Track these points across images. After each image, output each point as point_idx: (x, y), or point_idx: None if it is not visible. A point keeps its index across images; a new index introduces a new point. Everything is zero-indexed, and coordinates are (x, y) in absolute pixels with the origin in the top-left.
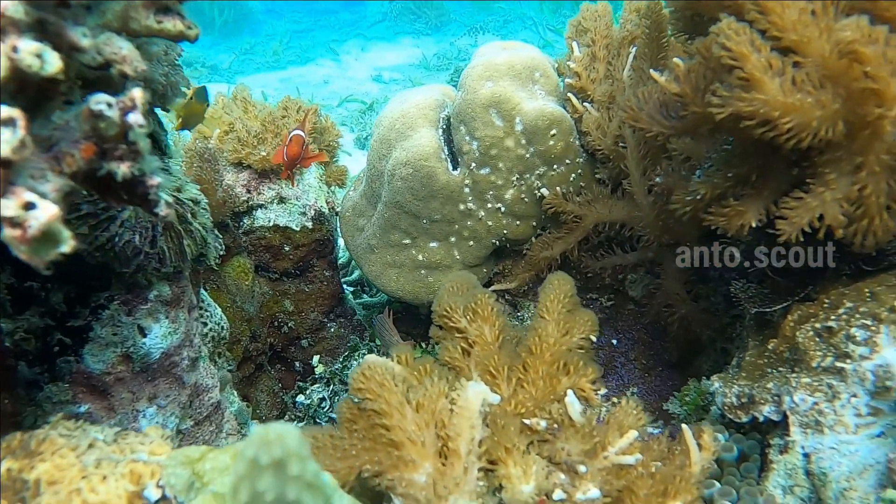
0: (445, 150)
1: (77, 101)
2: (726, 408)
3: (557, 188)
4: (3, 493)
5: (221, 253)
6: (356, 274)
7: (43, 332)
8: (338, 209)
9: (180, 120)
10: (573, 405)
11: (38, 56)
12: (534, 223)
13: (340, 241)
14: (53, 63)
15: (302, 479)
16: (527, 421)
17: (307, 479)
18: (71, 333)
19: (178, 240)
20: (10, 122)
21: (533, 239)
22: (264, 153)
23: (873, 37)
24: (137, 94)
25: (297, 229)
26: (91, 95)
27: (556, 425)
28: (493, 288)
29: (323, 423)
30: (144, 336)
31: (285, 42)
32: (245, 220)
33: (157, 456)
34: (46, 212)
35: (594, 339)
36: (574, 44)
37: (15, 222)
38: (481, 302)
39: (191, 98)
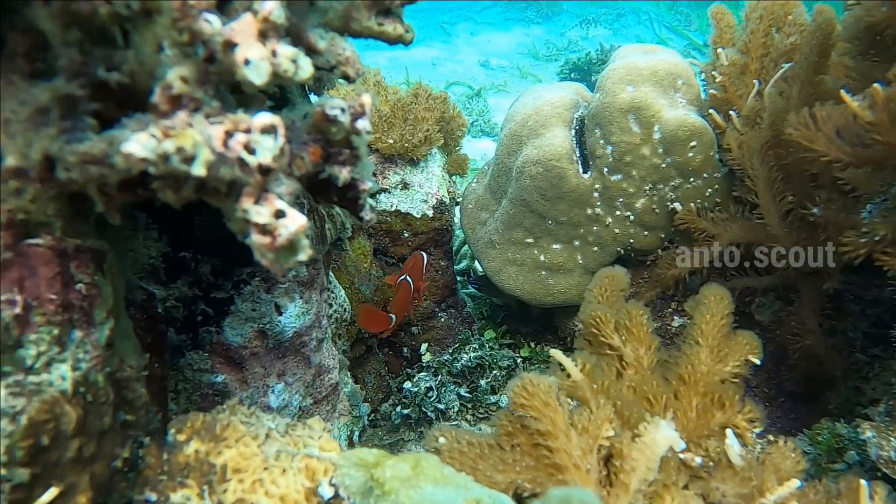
0: (577, 152)
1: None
2: (882, 461)
3: (692, 203)
4: (191, 473)
5: (349, 236)
6: (463, 264)
7: (190, 301)
8: (458, 199)
9: None
10: (733, 447)
11: (294, 61)
12: (662, 235)
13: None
14: (307, 69)
15: None
16: (682, 456)
17: None
18: (214, 305)
19: (321, 223)
20: (271, 130)
21: (659, 252)
22: (392, 140)
23: None
24: (367, 100)
25: (418, 216)
26: (324, 99)
27: (711, 463)
28: None
29: (429, 413)
30: (280, 314)
31: None
32: None
33: (327, 452)
34: (296, 222)
35: (758, 361)
36: (721, 51)
37: (266, 230)
38: (636, 320)
39: None
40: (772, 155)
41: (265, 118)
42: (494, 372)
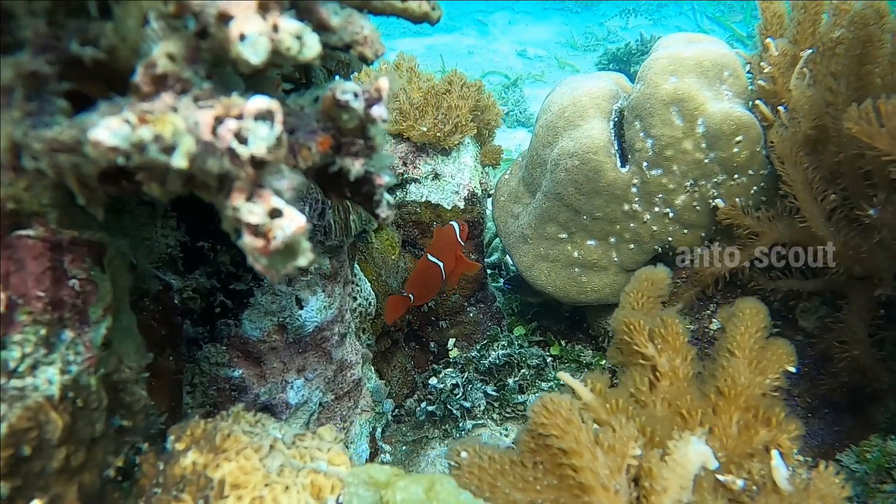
0: (615, 145)
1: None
2: None
3: (736, 200)
4: (187, 487)
5: (375, 227)
6: (494, 257)
7: (208, 292)
8: (490, 191)
9: None
10: (780, 469)
11: (298, 38)
12: (702, 234)
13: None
14: (314, 47)
15: None
16: (721, 477)
17: None
18: (232, 296)
19: (346, 215)
20: (266, 116)
21: (698, 250)
22: (424, 129)
23: None
24: (384, 84)
25: (449, 208)
26: (334, 82)
27: (755, 487)
28: None
29: (454, 410)
30: (301, 308)
31: None
32: (398, 193)
33: (336, 466)
34: (294, 223)
35: (793, 369)
36: (770, 41)
37: (259, 231)
38: (671, 329)
39: None
40: (803, 156)
41: (259, 102)
42: (523, 370)
